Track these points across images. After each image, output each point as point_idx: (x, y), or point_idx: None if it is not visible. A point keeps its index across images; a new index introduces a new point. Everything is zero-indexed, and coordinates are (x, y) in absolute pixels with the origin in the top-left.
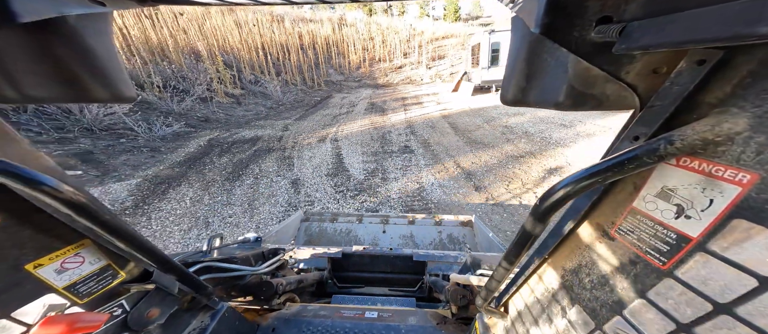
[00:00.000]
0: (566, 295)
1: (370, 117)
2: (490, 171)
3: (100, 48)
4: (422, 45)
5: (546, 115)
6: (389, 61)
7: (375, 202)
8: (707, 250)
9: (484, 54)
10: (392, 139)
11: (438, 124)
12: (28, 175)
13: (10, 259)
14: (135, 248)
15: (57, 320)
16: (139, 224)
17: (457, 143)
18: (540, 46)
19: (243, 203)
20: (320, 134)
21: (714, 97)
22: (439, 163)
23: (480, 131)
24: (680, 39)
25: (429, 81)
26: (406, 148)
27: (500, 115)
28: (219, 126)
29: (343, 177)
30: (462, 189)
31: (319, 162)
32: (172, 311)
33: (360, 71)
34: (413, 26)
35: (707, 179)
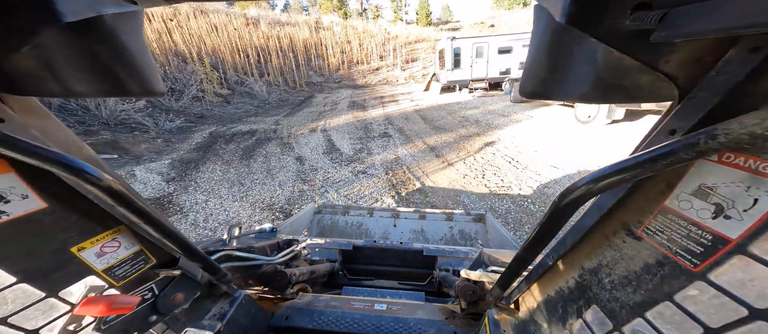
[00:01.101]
0: (583, 294)
1: (352, 113)
2: (447, 145)
3: (133, 45)
4: (396, 48)
5: (493, 109)
6: (367, 63)
7: (364, 166)
8: (747, 252)
9: (448, 58)
10: (373, 128)
11: (411, 117)
12: (74, 164)
13: (58, 241)
14: (164, 234)
15: (97, 300)
16: (190, 186)
17: (425, 129)
18: (565, 35)
19: (263, 172)
20: (311, 127)
21: (766, 87)
22: (411, 143)
23: (443, 121)
24: (732, 25)
25: (404, 82)
26: (385, 134)
27: (460, 109)
28: (215, 122)
29: (336, 154)
30: (426, 157)
31: (315, 145)
32: (195, 297)
33: (339, 73)
34: (387, 30)
35: (752, 176)
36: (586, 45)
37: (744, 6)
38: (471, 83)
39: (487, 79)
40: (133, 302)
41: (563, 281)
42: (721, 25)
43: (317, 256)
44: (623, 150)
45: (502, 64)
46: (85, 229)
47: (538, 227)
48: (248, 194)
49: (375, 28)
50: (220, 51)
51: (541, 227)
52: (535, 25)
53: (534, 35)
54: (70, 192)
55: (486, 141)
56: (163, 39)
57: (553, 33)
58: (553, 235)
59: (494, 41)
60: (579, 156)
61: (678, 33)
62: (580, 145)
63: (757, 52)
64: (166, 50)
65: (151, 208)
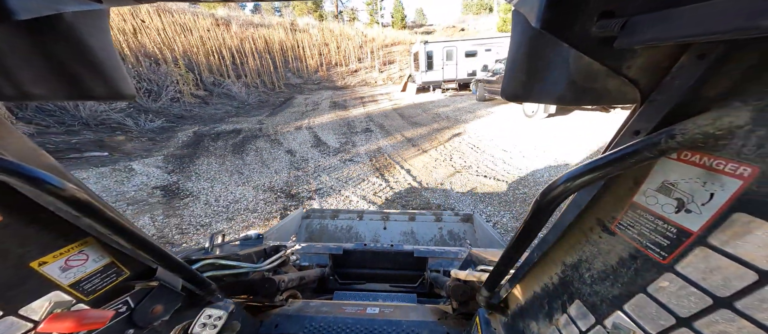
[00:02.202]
0: (566, 290)
1: (335, 112)
2: (422, 137)
3: (98, 45)
4: (374, 51)
5: (461, 107)
6: (345, 65)
7: (350, 155)
8: (707, 244)
9: (422, 61)
10: (356, 125)
11: (390, 115)
12: (30, 173)
13: (14, 257)
14: (137, 245)
15: (63, 316)
16: (194, 174)
17: (403, 125)
18: (541, 41)
19: (257, 163)
20: (295, 125)
21: (715, 91)
22: (391, 136)
23: (419, 117)
24: (682, 33)
25: (382, 83)
26: (367, 130)
27: (433, 107)
28: (196, 122)
29: (324, 147)
30: (405, 146)
31: (302, 141)
32: (176, 308)
33: (318, 75)
34: (364, 33)
35: (708, 172)
36: (560, 50)
37: (692, 16)
38: (443, 84)
39: (457, 80)
40: (105, 316)
41: (547, 278)
42: (673, 34)
43: (307, 261)
44: (553, 136)
45: (470, 66)
46: (46, 242)
47: (523, 225)
48: (249, 180)
49: (352, 31)
50: (193, 52)
51: (525, 225)
52: (513, 30)
53: (513, 40)
54: (28, 203)
55: (454, 133)
56: (130, 39)
57: (530, 38)
58: (536, 232)
59: (462, 45)
60: (522, 142)
61: (636, 40)
62: (524, 134)
63: (703, 59)
64: (135, 51)
65: (122, 217)
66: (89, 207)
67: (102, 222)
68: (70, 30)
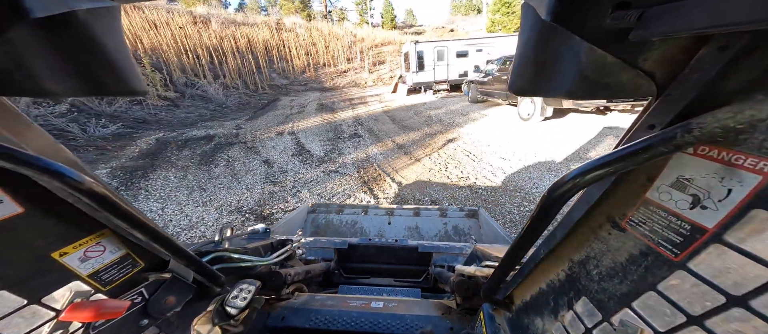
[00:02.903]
0: (573, 286)
1: (321, 115)
2: (415, 143)
3: (110, 42)
4: (363, 51)
5: (453, 109)
6: (333, 66)
7: (335, 166)
8: (723, 241)
9: (412, 61)
10: (343, 130)
11: (380, 118)
12: (50, 166)
13: (36, 247)
14: (151, 237)
15: (83, 305)
16: (143, 191)
17: (394, 129)
18: (551, 34)
19: (226, 176)
20: (277, 130)
21: (737, 83)
22: (381, 142)
23: (410, 121)
24: (703, 24)
25: (372, 84)
26: (356, 135)
27: (425, 110)
28: (162, 127)
29: (306, 156)
30: (396, 154)
31: (283, 148)
32: (187, 299)
33: (305, 76)
34: (354, 33)
35: (726, 168)
36: (571, 43)
37: (713, 7)
38: (434, 85)
39: (448, 81)
40: (122, 306)
41: (554, 274)
42: (692, 25)
43: (312, 255)
44: (553, 142)
45: (461, 67)
46: (66, 233)
47: (529, 221)
48: (212, 198)
49: (340, 31)
50: (162, 50)
51: (532, 221)
52: (522, 23)
53: (521, 33)
54: (49, 196)
55: (448, 138)
56: None
57: (540, 31)
58: (543, 229)
59: (453, 45)
60: (521, 148)
61: (654, 32)
62: (522, 140)
63: (725, 51)
64: None
65: (136, 211)
66: (106, 200)
67: (118, 215)
68: (84, 27)
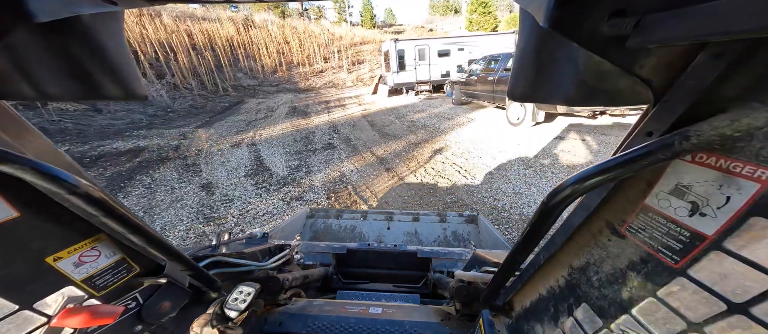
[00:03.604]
0: (573, 293)
1: (292, 121)
2: (397, 156)
3: (113, 46)
4: (341, 50)
5: (438, 112)
6: (309, 65)
7: (299, 191)
8: (722, 248)
9: (393, 60)
10: (316, 138)
11: (359, 123)
12: (47, 170)
13: (31, 252)
14: (148, 242)
15: (75, 311)
16: None
17: (374, 137)
18: (549, 40)
19: (138, 210)
20: (233, 140)
21: (733, 91)
22: (359, 155)
23: (392, 126)
24: (699, 32)
25: (351, 84)
26: (330, 145)
27: (408, 113)
28: (69, 138)
29: (264, 175)
30: (375, 171)
31: (235, 165)
32: (183, 305)
33: (277, 75)
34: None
35: (724, 175)
36: (569, 50)
37: (709, 15)
38: (417, 86)
39: (430, 82)
40: (115, 311)
41: (554, 280)
42: (687, 33)
43: (310, 260)
44: (551, 151)
45: (443, 66)
46: (62, 238)
47: (528, 227)
48: None
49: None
50: None
51: (531, 227)
52: (520, 29)
53: (520, 39)
54: (45, 200)
55: (435, 148)
56: None
57: (538, 37)
58: (542, 235)
59: (434, 44)
60: (519, 161)
61: (650, 39)
62: (517, 149)
63: (720, 58)
64: None
65: (133, 215)
66: (103, 204)
67: (115, 219)
68: (87, 32)
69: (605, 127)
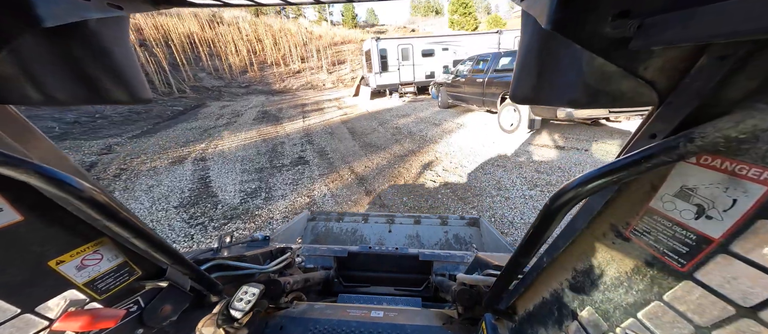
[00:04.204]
0: (577, 296)
1: (259, 128)
2: (381, 173)
3: (119, 51)
4: (321, 50)
5: (424, 116)
6: (285, 65)
7: (252, 227)
8: (730, 251)
9: (375, 60)
10: (285, 151)
11: (337, 131)
12: (52, 174)
13: (34, 255)
14: (150, 245)
15: (77, 314)
16: None
17: (353, 148)
18: (552, 42)
19: None
20: (177, 154)
21: (738, 92)
22: (335, 173)
23: (375, 134)
24: (704, 34)
25: (331, 86)
26: (301, 160)
27: (392, 118)
28: None
29: (205, 206)
30: (354, 195)
31: (166, 191)
32: (184, 308)
33: (248, 76)
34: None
35: (730, 178)
36: (572, 51)
37: (714, 16)
38: (400, 87)
39: (414, 83)
40: (117, 315)
41: (557, 284)
42: (691, 35)
43: (312, 263)
44: (556, 166)
45: (427, 67)
46: (65, 242)
47: (531, 230)
48: None
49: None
50: None
51: (534, 230)
52: (523, 30)
53: (522, 41)
54: (49, 204)
55: (424, 162)
56: None
57: (540, 39)
58: (545, 238)
59: (418, 43)
60: (518, 178)
61: (653, 41)
62: (515, 162)
63: (725, 60)
64: None
65: (136, 218)
66: (106, 208)
67: (118, 222)
68: (94, 36)
69: (618, 133)
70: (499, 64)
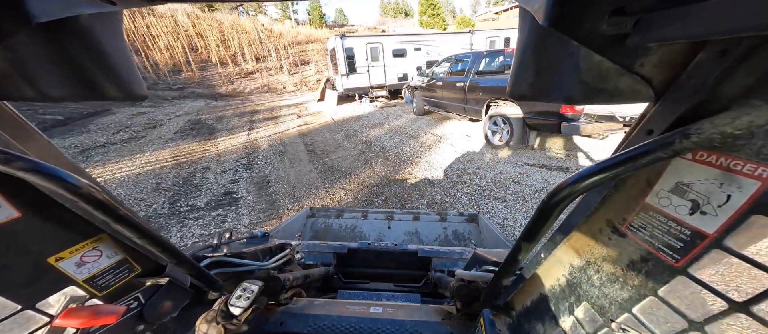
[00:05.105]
0: (574, 292)
1: (178, 146)
2: None
3: (112, 47)
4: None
5: (398, 126)
6: (234, 64)
7: None
8: (723, 247)
9: (340, 61)
10: (206, 183)
11: (291, 147)
12: (49, 171)
13: (33, 252)
14: (149, 242)
15: (77, 311)
16: None
17: (308, 176)
18: (549, 39)
19: None
20: None
21: (734, 89)
22: (274, 217)
23: (339, 152)
24: (701, 31)
25: (293, 89)
26: (226, 198)
27: (362, 128)
28: None
29: None
30: None
31: None
32: (184, 305)
33: (182, 77)
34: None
35: (725, 173)
36: (569, 48)
37: (711, 13)
38: (371, 91)
39: (386, 86)
40: (117, 311)
41: (554, 279)
42: (689, 32)
43: (311, 260)
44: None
45: (400, 68)
46: (63, 238)
47: (528, 226)
48: None
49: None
50: None
51: (532, 225)
52: (520, 28)
53: (519, 38)
54: (46, 201)
55: (402, 196)
56: None
57: (538, 36)
58: (542, 234)
59: (388, 42)
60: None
61: (650, 37)
62: (513, 189)
63: (724, 56)
64: None
65: (135, 215)
66: (104, 205)
67: (116, 219)
68: (86, 32)
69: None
70: (481, 65)
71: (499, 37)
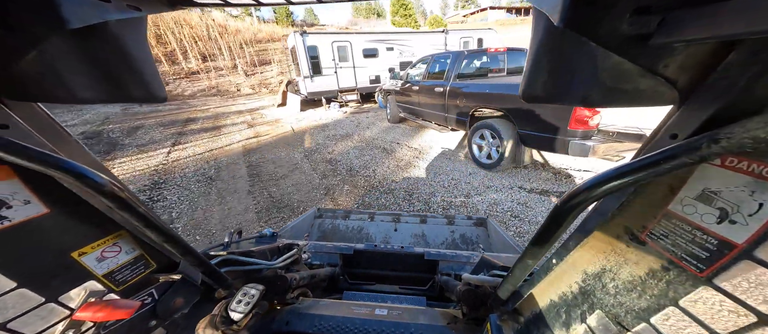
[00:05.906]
0: (587, 299)
1: None
2: None
3: (137, 50)
4: (233, 47)
5: (370, 137)
6: (172, 63)
7: None
8: (754, 257)
9: (302, 61)
10: None
11: (227, 171)
12: (77, 169)
13: (58, 246)
14: (165, 238)
15: (96, 305)
16: None
17: (241, 217)
18: (565, 39)
19: None
20: None
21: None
22: None
23: (293, 177)
24: (735, 29)
25: (250, 92)
26: None
27: (327, 142)
28: None
29: None
30: None
31: None
32: (195, 301)
33: None
34: (222, 23)
35: (757, 180)
36: (585, 49)
37: (744, 11)
38: (340, 95)
39: (357, 90)
40: (132, 306)
41: (566, 286)
42: (721, 30)
43: (318, 260)
44: None
45: (371, 70)
46: (87, 234)
47: (540, 231)
48: None
49: (195, 18)
50: None
51: (544, 230)
52: (533, 28)
53: (533, 39)
54: (73, 197)
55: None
56: None
57: (552, 36)
58: (555, 239)
59: (358, 41)
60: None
61: (677, 37)
62: (512, 221)
63: (757, 56)
64: None
65: (152, 213)
66: (125, 202)
67: (136, 216)
68: (115, 37)
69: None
70: (462, 67)
71: (472, 37)
